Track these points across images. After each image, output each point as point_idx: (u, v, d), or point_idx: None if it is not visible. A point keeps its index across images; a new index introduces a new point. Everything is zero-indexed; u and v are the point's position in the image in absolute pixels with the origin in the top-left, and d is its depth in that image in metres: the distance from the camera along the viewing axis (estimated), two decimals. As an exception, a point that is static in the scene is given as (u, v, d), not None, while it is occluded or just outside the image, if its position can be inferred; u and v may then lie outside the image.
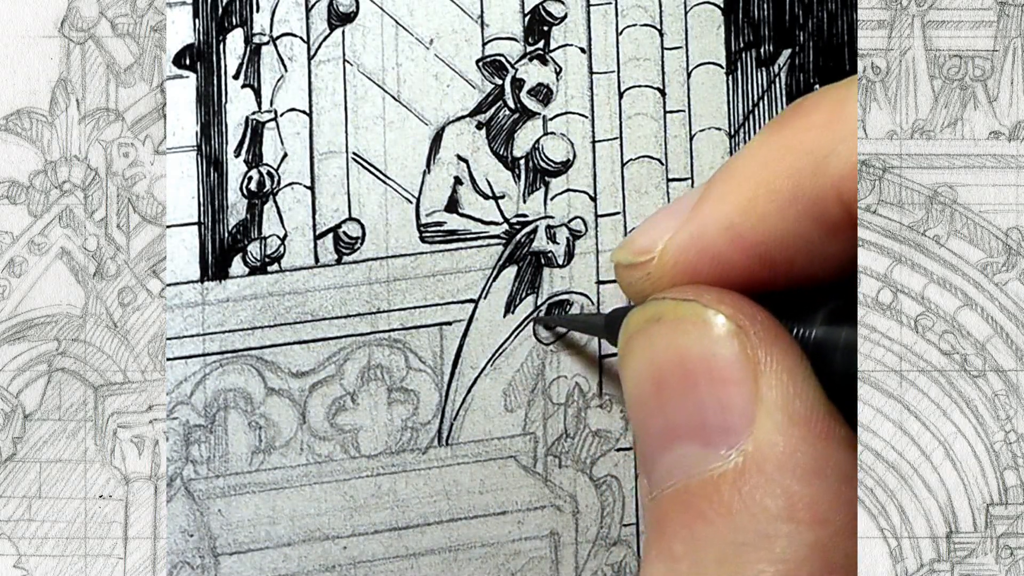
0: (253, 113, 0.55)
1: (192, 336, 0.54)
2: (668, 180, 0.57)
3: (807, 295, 0.42)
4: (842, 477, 0.39)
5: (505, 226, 0.56)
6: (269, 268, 0.55)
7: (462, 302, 0.56)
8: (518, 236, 0.56)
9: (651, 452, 0.42)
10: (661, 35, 0.57)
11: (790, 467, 0.39)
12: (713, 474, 0.40)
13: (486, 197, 0.56)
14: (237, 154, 0.54)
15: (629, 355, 0.43)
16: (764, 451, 0.39)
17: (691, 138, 0.57)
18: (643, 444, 0.42)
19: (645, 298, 0.43)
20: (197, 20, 0.54)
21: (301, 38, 0.55)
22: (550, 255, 0.56)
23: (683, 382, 0.41)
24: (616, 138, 0.57)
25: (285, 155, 0.55)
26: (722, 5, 0.58)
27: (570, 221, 0.57)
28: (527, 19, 0.57)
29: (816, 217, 0.41)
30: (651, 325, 0.42)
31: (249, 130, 0.55)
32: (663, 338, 0.41)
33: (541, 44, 0.57)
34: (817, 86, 0.58)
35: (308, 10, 0.55)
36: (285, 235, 0.55)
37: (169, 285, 0.54)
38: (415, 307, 0.56)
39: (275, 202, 0.55)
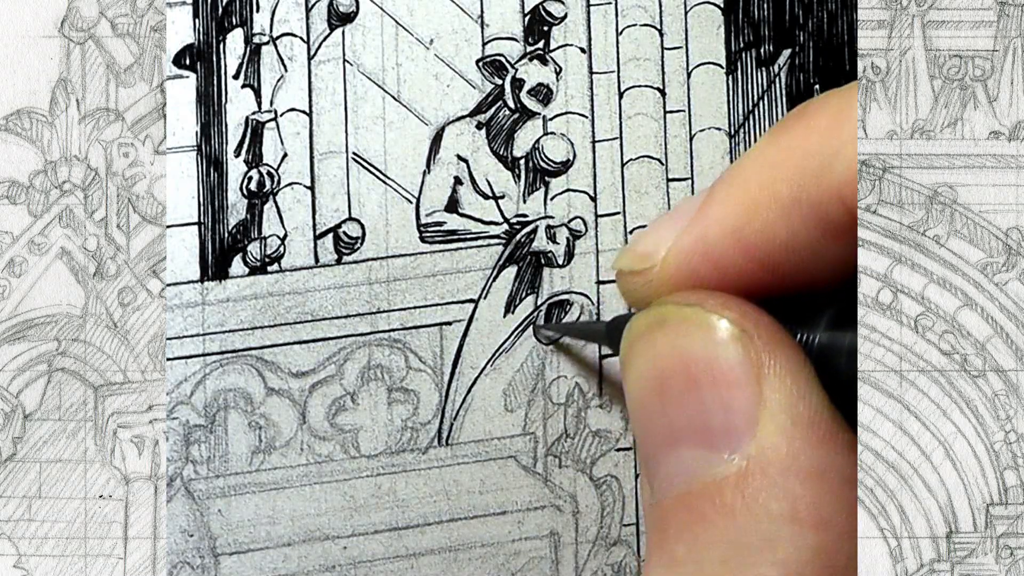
0: (253, 113, 0.55)
1: (192, 336, 0.54)
2: (668, 180, 0.57)
3: (811, 299, 0.42)
4: (845, 480, 0.39)
5: (505, 226, 0.56)
6: (269, 268, 0.55)
7: (462, 302, 0.56)
8: (518, 236, 0.56)
9: (653, 455, 0.41)
10: (661, 35, 0.57)
11: (793, 470, 0.39)
12: (716, 477, 0.40)
13: (486, 197, 0.56)
14: (237, 154, 0.54)
15: (632, 359, 0.43)
16: (767, 454, 0.39)
17: (691, 138, 0.57)
18: (645, 447, 0.42)
19: (647, 304, 0.43)
20: (197, 20, 0.54)
21: (301, 38, 0.55)
22: (550, 255, 0.56)
23: (686, 385, 0.41)
24: (616, 138, 0.57)
25: (285, 155, 0.55)
26: (722, 5, 0.58)
27: (570, 221, 0.57)
28: (527, 19, 0.57)
29: (819, 221, 0.41)
30: (654, 329, 0.42)
31: (249, 130, 0.55)
32: (666, 341, 0.41)
33: (541, 44, 0.57)
34: (817, 86, 0.59)
35: (308, 10, 0.55)
36: (285, 235, 0.55)
37: (169, 285, 0.54)
38: (415, 307, 0.56)
39: (275, 202, 0.55)
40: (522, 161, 0.56)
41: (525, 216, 0.56)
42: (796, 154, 0.41)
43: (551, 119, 0.57)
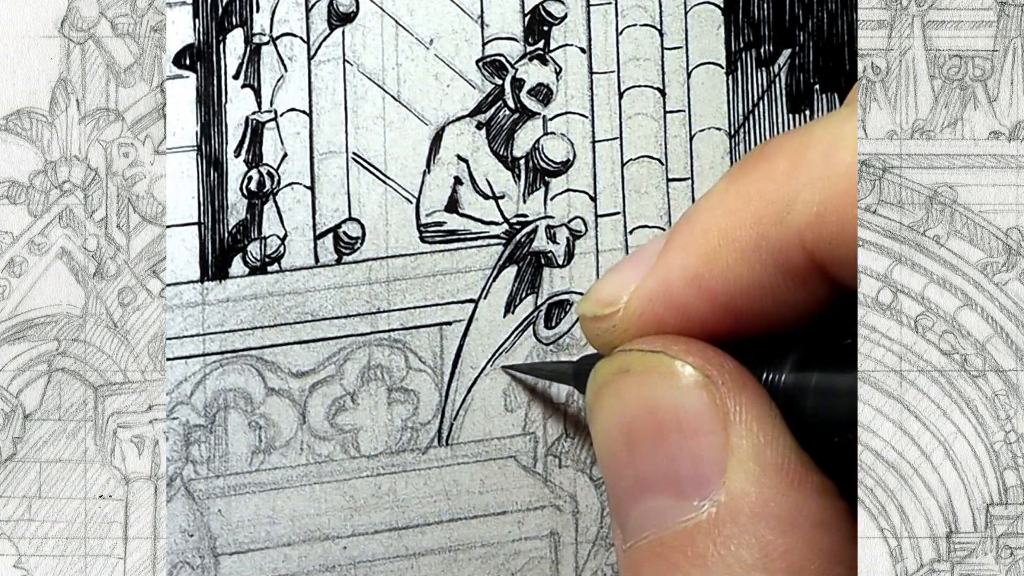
0: (253, 113, 0.55)
1: (192, 336, 0.54)
2: (668, 180, 0.57)
3: (775, 342, 0.42)
4: (816, 525, 0.39)
5: (505, 226, 0.56)
6: (269, 268, 0.55)
7: (462, 302, 0.56)
8: (518, 236, 0.56)
9: (623, 504, 0.41)
10: (661, 35, 0.57)
11: (764, 517, 0.39)
12: (687, 526, 0.39)
13: (486, 197, 0.56)
14: (237, 154, 0.54)
15: (598, 407, 0.43)
16: (737, 501, 0.39)
17: (691, 138, 0.57)
18: (615, 496, 0.42)
19: (612, 349, 0.43)
20: (197, 20, 0.54)
21: (301, 38, 0.55)
22: (550, 255, 0.56)
23: (653, 434, 0.41)
24: (616, 138, 0.57)
25: (285, 155, 0.55)
26: (722, 5, 0.58)
27: (570, 221, 0.57)
28: (527, 19, 0.57)
29: (780, 266, 0.41)
30: (619, 377, 0.42)
31: (249, 130, 0.55)
32: (631, 390, 0.41)
33: (541, 44, 0.57)
34: (817, 86, 0.59)
35: (308, 10, 0.55)
36: (285, 235, 0.55)
37: (169, 285, 0.54)
38: (415, 307, 0.56)
39: (275, 202, 0.55)
40: (522, 161, 0.56)
41: (525, 216, 0.56)
42: (754, 200, 0.41)
43: (551, 119, 0.57)
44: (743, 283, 0.41)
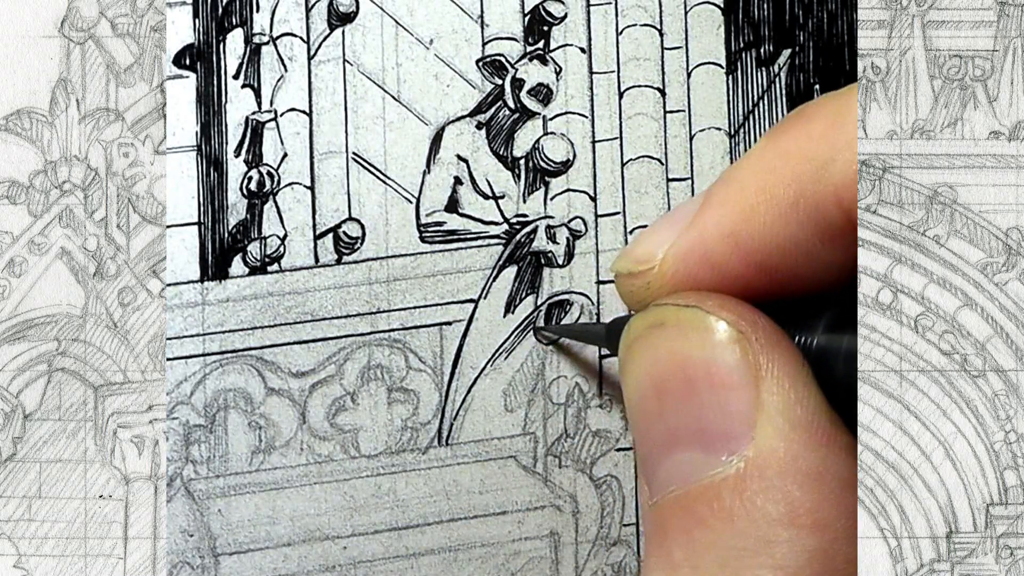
0: (253, 113, 0.55)
1: (192, 336, 0.54)
2: (668, 180, 0.57)
3: (809, 302, 0.42)
4: (843, 483, 0.39)
5: (505, 226, 0.56)
6: (269, 268, 0.55)
7: (462, 302, 0.56)
8: (518, 236, 0.56)
9: (652, 457, 0.42)
10: (661, 35, 0.57)
11: (791, 473, 0.39)
12: (714, 479, 0.40)
13: (486, 197, 0.56)
14: (237, 154, 0.54)
15: (630, 361, 0.43)
16: (765, 456, 0.39)
17: (691, 138, 0.57)
18: (644, 449, 0.42)
19: (646, 306, 0.43)
20: (197, 20, 0.54)
21: (301, 38, 0.55)
22: (550, 255, 0.56)
23: (684, 388, 0.41)
24: (616, 138, 0.57)
25: (285, 155, 0.55)
26: (722, 5, 0.58)
27: (570, 221, 0.57)
28: (527, 19, 0.57)
29: (817, 224, 0.41)
30: (652, 331, 0.42)
31: (249, 130, 0.55)
32: (664, 344, 0.41)
33: (541, 44, 0.57)
34: (817, 86, 0.58)
35: (308, 10, 0.55)
36: (285, 235, 0.55)
37: (169, 285, 0.54)
38: (415, 307, 0.56)
39: (275, 202, 0.55)
40: (522, 161, 0.56)
41: (525, 216, 0.56)
42: (793, 158, 0.41)
43: (551, 119, 0.57)
44: (779, 241, 0.41)
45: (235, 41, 0.55)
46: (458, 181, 0.56)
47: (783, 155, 0.41)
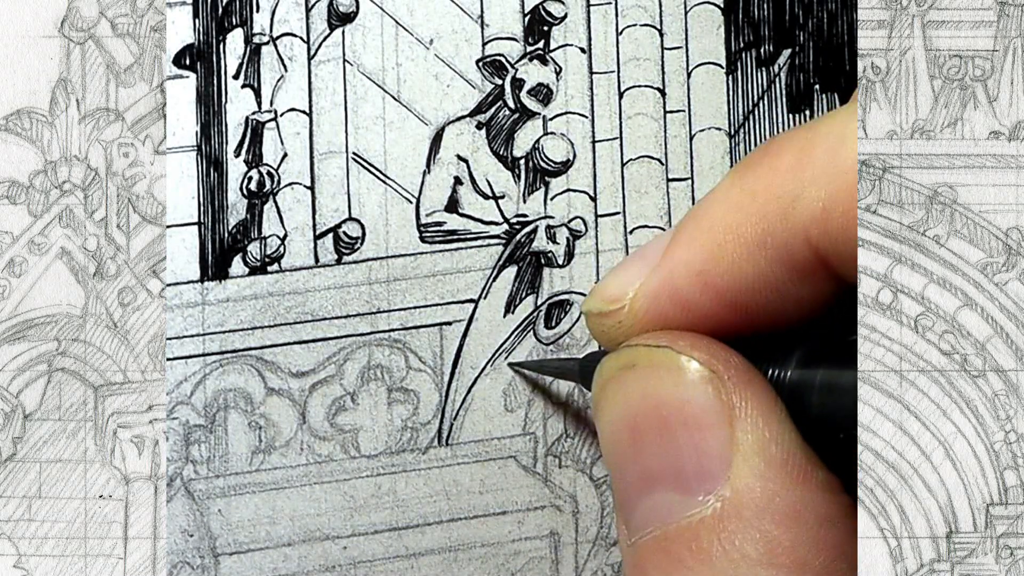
0: (253, 113, 0.55)
1: (192, 336, 0.54)
2: (668, 180, 0.57)
3: (780, 338, 0.42)
4: (821, 520, 0.39)
5: (505, 226, 0.56)
6: (269, 268, 0.55)
7: (462, 302, 0.56)
8: (518, 236, 0.56)
9: (628, 499, 0.41)
10: (661, 35, 0.57)
11: (769, 512, 0.39)
12: (692, 520, 0.39)
13: (486, 197, 0.56)
14: (237, 154, 0.54)
15: (603, 402, 0.43)
16: (742, 496, 0.39)
17: (691, 138, 0.57)
18: (620, 491, 0.42)
19: (618, 345, 0.43)
20: (197, 20, 0.54)
21: (301, 38, 0.55)
22: (550, 255, 0.56)
23: (658, 429, 0.41)
24: (616, 138, 0.57)
25: (285, 155, 0.55)
26: (722, 5, 0.58)
27: (570, 221, 0.57)
28: (527, 19, 0.57)
29: (786, 262, 0.41)
30: (625, 372, 0.42)
31: (249, 130, 0.55)
32: (637, 385, 0.41)
33: (541, 44, 0.57)
34: (817, 86, 0.59)
35: (308, 10, 0.55)
36: (285, 235, 0.55)
37: (169, 285, 0.54)
38: (415, 307, 0.56)
39: (275, 202, 0.55)
40: (522, 161, 0.56)
41: (525, 216, 0.56)
42: (760, 196, 0.41)
43: (551, 119, 0.57)
44: (748, 279, 0.41)
45: (235, 41, 0.55)
46: (458, 181, 0.56)
47: (749, 193, 0.41)
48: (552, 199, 0.57)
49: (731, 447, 0.39)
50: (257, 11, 0.55)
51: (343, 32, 0.55)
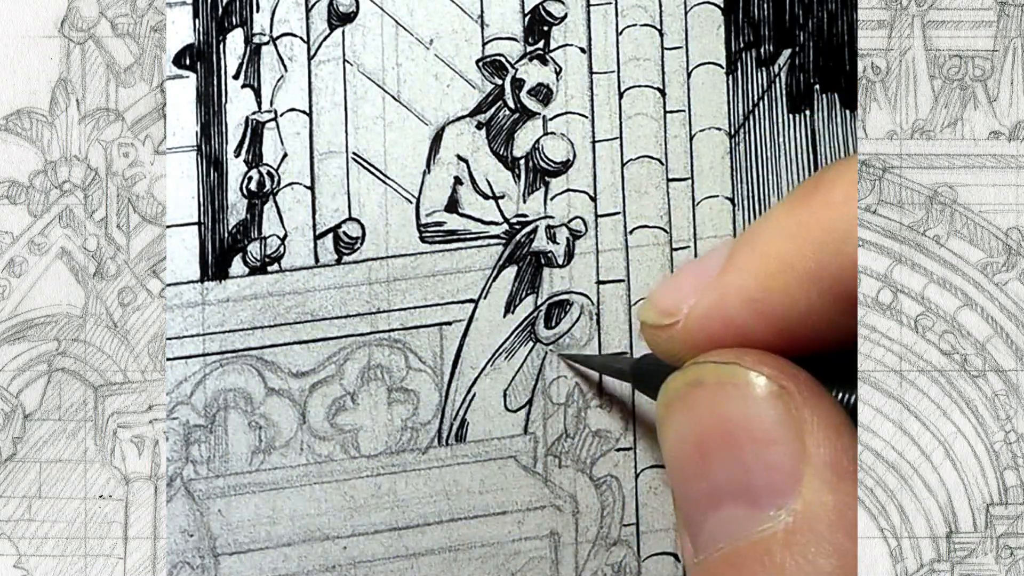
0: (253, 113, 0.55)
1: (192, 336, 0.54)
2: (668, 180, 0.57)
3: (836, 358, 0.42)
4: None
5: (505, 226, 0.56)
6: (269, 268, 0.55)
7: (462, 302, 0.56)
8: (518, 236, 0.56)
9: (695, 516, 0.41)
10: (661, 35, 0.57)
11: (841, 524, 0.39)
12: (763, 535, 0.39)
13: (486, 197, 0.56)
14: (237, 154, 0.54)
15: (669, 420, 0.43)
16: (814, 509, 0.39)
17: (691, 138, 0.57)
18: (687, 508, 0.42)
19: (672, 356, 0.44)
20: (197, 20, 0.54)
21: (301, 38, 0.55)
22: (550, 255, 0.56)
23: (727, 444, 0.41)
24: (616, 138, 0.57)
25: (285, 155, 0.55)
26: (722, 5, 0.58)
27: (570, 221, 0.57)
28: (527, 19, 0.57)
29: (837, 295, 0.41)
30: (692, 390, 0.42)
31: (249, 130, 0.55)
32: (704, 402, 0.42)
33: (541, 44, 0.57)
34: (817, 86, 0.58)
35: (308, 10, 0.55)
36: (285, 235, 0.55)
37: (169, 285, 0.54)
38: (415, 307, 0.56)
39: (275, 202, 0.55)
40: (522, 161, 0.56)
41: (525, 216, 0.56)
42: (814, 228, 0.41)
43: (551, 119, 0.57)
44: (800, 309, 0.41)
45: (235, 41, 0.55)
46: (458, 181, 0.56)
47: (803, 224, 0.41)
48: (552, 199, 0.57)
49: (802, 461, 0.39)
50: (257, 11, 0.55)
51: (343, 32, 0.55)
